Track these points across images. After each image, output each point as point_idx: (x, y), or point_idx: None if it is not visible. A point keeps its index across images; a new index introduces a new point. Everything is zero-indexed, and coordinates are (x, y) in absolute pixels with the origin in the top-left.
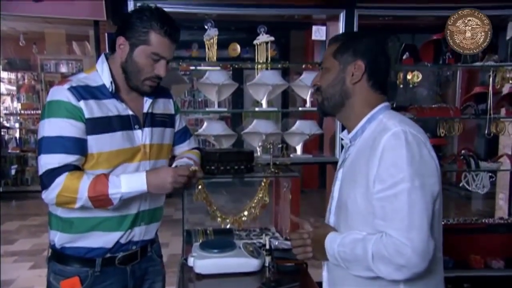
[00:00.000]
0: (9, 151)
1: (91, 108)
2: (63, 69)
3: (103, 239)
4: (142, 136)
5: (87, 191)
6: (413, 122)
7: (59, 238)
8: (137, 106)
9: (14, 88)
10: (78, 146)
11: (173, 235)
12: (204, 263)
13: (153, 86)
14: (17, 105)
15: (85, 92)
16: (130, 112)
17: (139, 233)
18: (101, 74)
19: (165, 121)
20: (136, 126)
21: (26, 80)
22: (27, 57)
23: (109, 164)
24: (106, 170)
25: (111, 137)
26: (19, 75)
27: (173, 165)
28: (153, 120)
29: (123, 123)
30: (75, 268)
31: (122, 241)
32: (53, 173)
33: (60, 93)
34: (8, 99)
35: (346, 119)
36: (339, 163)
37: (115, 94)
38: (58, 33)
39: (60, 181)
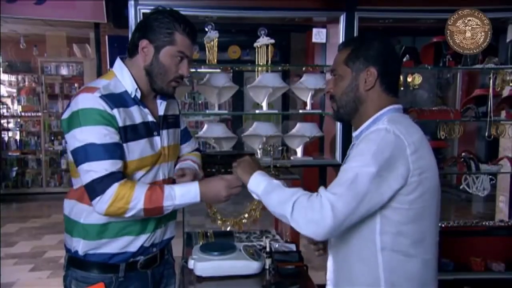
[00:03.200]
0: (10, 153)
1: (122, 116)
2: (64, 71)
3: (129, 243)
4: (161, 140)
5: (142, 203)
6: (414, 128)
7: (83, 246)
8: (153, 110)
9: (14, 90)
10: (120, 152)
11: (174, 237)
12: (205, 265)
13: (176, 87)
14: (17, 107)
15: (114, 100)
16: (151, 118)
17: (160, 234)
18: (122, 79)
19: (175, 122)
20: (155, 133)
21: (26, 83)
22: (28, 60)
23: (135, 170)
24: (131, 175)
25: (138, 144)
26: (20, 77)
27: (177, 167)
28: (167, 123)
29: (147, 130)
30: (98, 275)
31: (146, 244)
32: (103, 181)
33: (94, 101)
34: (9, 101)
35: (360, 123)
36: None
37: (138, 100)
38: (59, 36)
39: (112, 192)
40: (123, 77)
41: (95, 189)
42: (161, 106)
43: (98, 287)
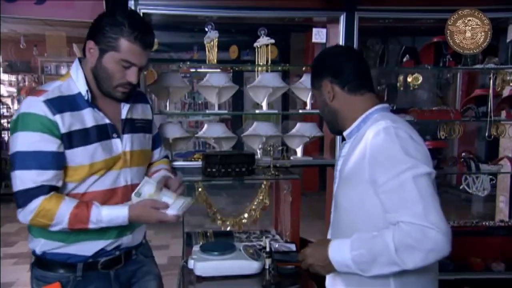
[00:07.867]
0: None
1: (67, 122)
2: (64, 71)
3: (88, 247)
4: (122, 143)
5: (67, 222)
6: (406, 123)
7: (42, 245)
8: (114, 113)
9: (14, 90)
10: (55, 161)
11: (173, 237)
12: (205, 265)
13: (126, 93)
14: (17, 107)
15: (62, 104)
16: (107, 121)
17: (127, 242)
18: (76, 81)
19: (144, 126)
20: (114, 135)
21: (26, 82)
22: (28, 59)
23: (86, 175)
24: (86, 178)
25: (89, 149)
26: (20, 77)
27: (153, 177)
28: (133, 126)
29: (100, 133)
30: (56, 274)
31: (108, 248)
32: (28, 194)
33: (36, 106)
34: (9, 101)
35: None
36: (336, 162)
37: (91, 103)
38: (59, 36)
39: (35, 206)
40: (77, 78)
41: (18, 200)
42: (124, 109)
43: (54, 286)
